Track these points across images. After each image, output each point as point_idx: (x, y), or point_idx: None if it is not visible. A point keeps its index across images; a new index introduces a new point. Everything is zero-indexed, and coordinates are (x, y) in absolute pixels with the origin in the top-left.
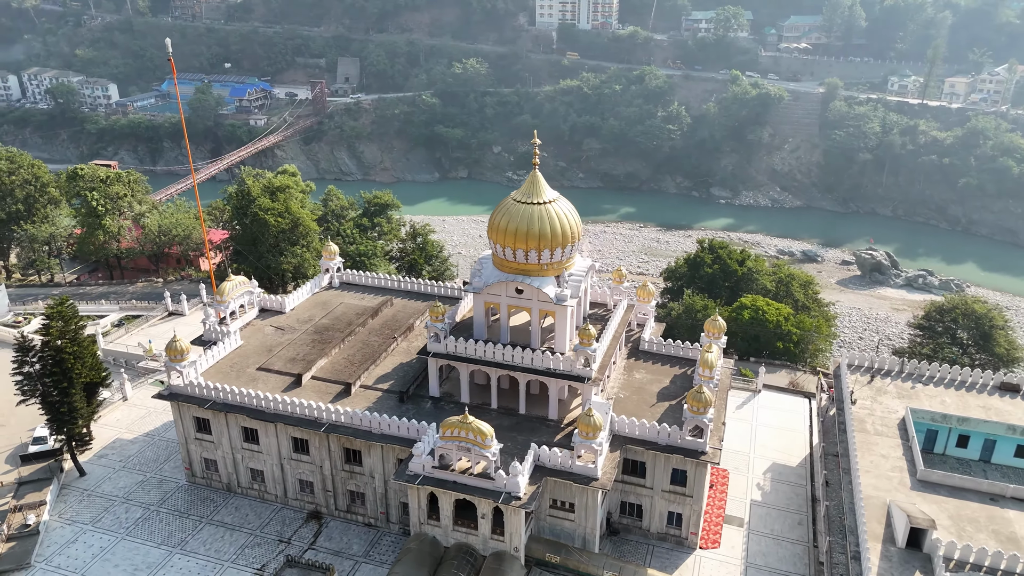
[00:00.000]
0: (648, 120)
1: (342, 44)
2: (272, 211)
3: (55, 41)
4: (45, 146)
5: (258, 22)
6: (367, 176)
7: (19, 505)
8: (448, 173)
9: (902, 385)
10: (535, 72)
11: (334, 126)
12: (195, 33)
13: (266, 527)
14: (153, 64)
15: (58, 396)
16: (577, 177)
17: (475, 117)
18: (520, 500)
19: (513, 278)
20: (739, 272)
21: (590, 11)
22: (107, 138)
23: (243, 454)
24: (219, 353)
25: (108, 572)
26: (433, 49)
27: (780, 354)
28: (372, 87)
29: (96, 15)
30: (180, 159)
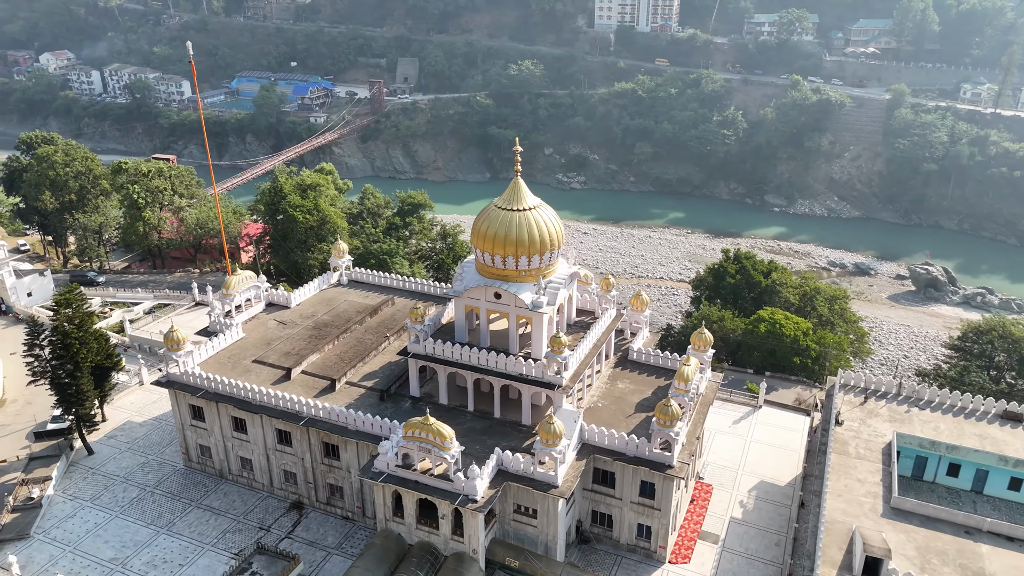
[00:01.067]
0: (703, 124)
1: (403, 44)
2: (301, 208)
3: (136, 39)
4: (122, 139)
5: (324, 22)
6: (420, 175)
7: (26, 479)
8: (499, 174)
9: (896, 408)
10: (590, 74)
11: (390, 125)
12: (264, 33)
13: (250, 514)
14: (224, 62)
15: (66, 378)
16: (628, 181)
17: (528, 118)
18: (476, 503)
19: (492, 283)
20: (763, 284)
21: (650, 13)
22: (178, 132)
23: (233, 442)
24: (219, 344)
25: (98, 547)
26: (491, 50)
27: (797, 370)
28: (430, 87)
29: (175, 15)
30: (244, 154)
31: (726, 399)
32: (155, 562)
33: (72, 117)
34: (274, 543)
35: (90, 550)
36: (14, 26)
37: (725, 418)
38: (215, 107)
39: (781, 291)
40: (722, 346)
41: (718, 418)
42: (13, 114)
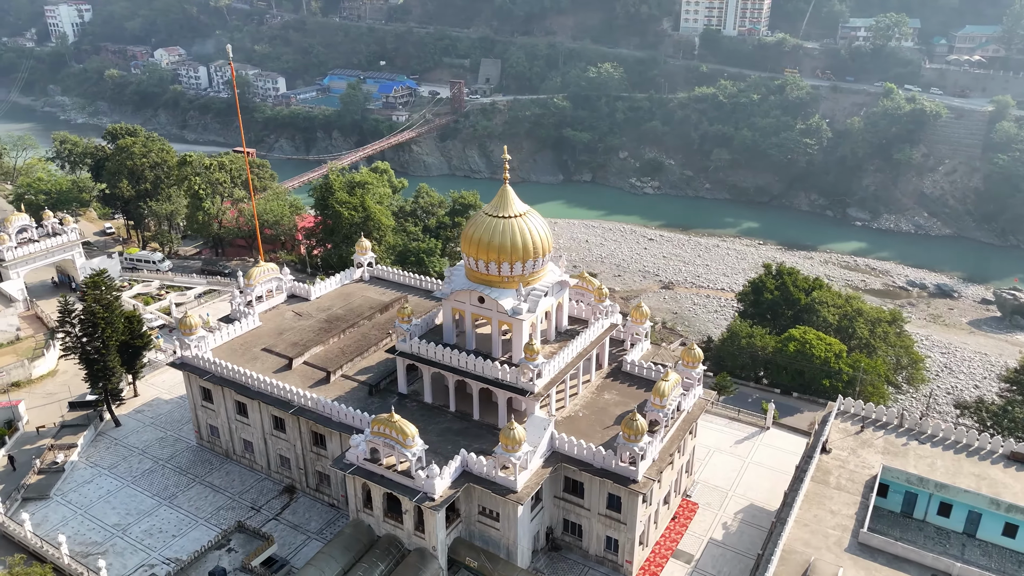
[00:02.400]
0: (785, 132)
1: (487, 46)
2: (347, 204)
3: (240, 37)
4: (222, 131)
5: (414, 22)
6: (494, 175)
7: (54, 445)
8: (572, 176)
9: (893, 440)
10: (671, 78)
11: (468, 125)
12: (357, 32)
13: (245, 494)
14: (318, 60)
15: (94, 355)
16: (703, 187)
17: (604, 121)
18: (434, 502)
19: (476, 287)
20: (803, 301)
21: (737, 16)
22: (271, 126)
23: (236, 425)
24: (235, 332)
25: (105, 512)
26: (572, 53)
27: (827, 392)
28: (510, 88)
29: (277, 14)
30: (329, 149)
31: (733, 418)
32: (152, 531)
33: (179, 110)
34: (260, 523)
35: (98, 514)
36: (134, 23)
37: (728, 437)
38: (306, 103)
39: (820, 310)
40: (750, 363)
41: (720, 437)
42: (128, 105)
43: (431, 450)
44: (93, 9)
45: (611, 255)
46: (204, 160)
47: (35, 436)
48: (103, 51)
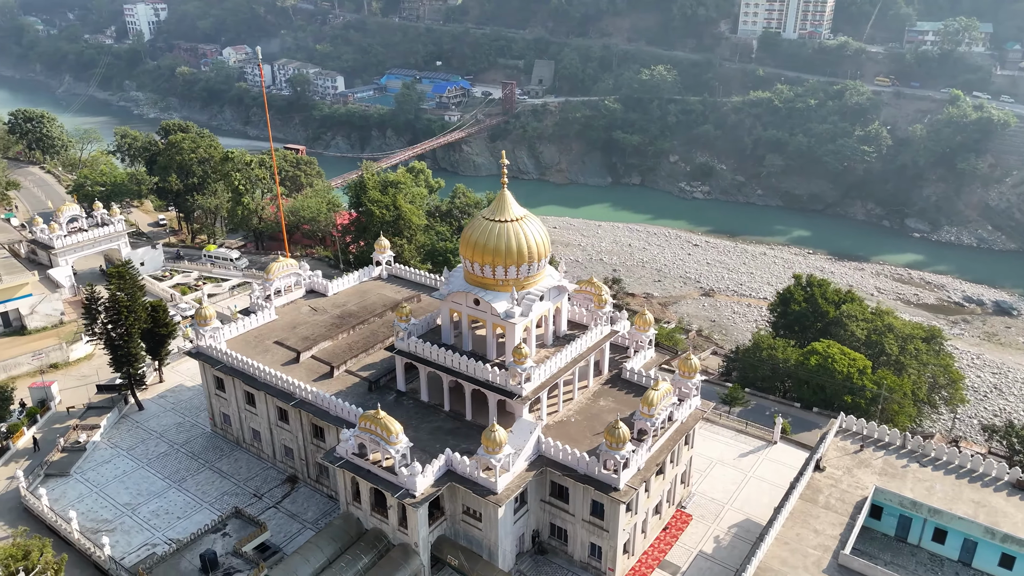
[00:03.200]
0: (841, 139)
1: (541, 47)
2: (379, 203)
3: (303, 36)
4: (282, 127)
5: (471, 23)
6: (542, 176)
7: (79, 425)
8: (621, 178)
9: (893, 462)
10: (726, 81)
11: (519, 126)
12: (415, 32)
13: (250, 481)
14: (376, 60)
15: (118, 341)
16: (755, 193)
17: (655, 124)
18: (414, 499)
19: (472, 290)
20: (831, 314)
21: (798, 19)
22: (327, 124)
23: (246, 414)
24: (251, 324)
25: (118, 492)
26: (626, 55)
27: (849, 409)
28: (562, 90)
29: (339, 14)
30: (383, 147)
31: (740, 431)
32: (159, 512)
33: (243, 106)
34: (260, 511)
35: (112, 493)
36: (206, 22)
37: (733, 450)
38: (363, 102)
39: (849, 324)
40: (771, 376)
41: (725, 449)
42: (197, 101)
43: (421, 448)
44: (168, 8)
45: (653, 260)
46: (245, 157)
47: (65, 416)
48: (176, 49)
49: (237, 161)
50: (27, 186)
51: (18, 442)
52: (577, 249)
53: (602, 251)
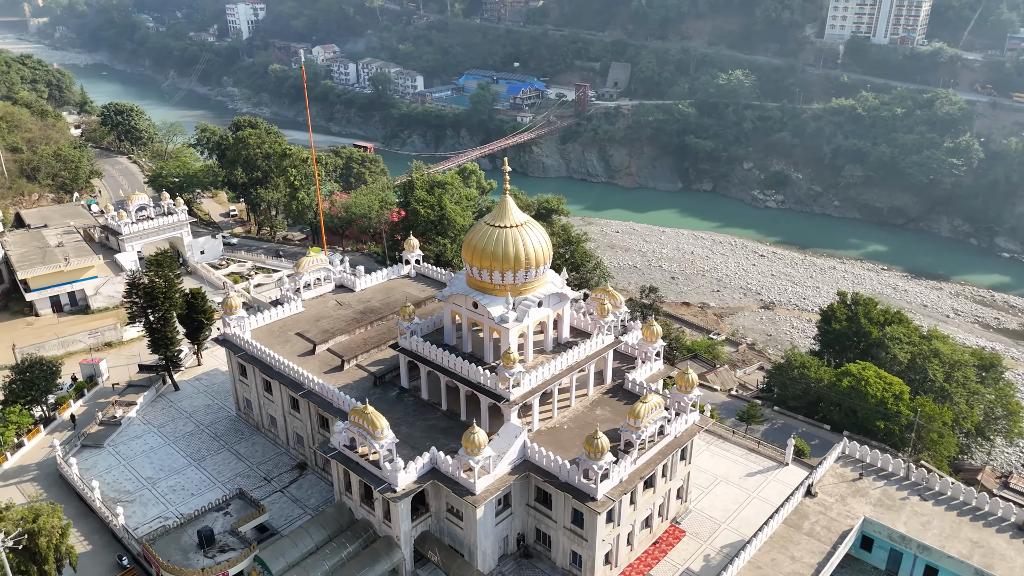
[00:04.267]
0: (928, 150)
1: (618, 49)
2: (424, 203)
3: (388, 36)
4: (362, 124)
5: (551, 25)
6: (611, 179)
7: (118, 401)
8: (692, 184)
9: (892, 493)
10: (807, 87)
11: (590, 128)
12: (495, 34)
13: (263, 464)
14: (456, 60)
15: (156, 324)
16: (831, 204)
17: (730, 130)
18: (395, 493)
19: (472, 293)
20: (873, 335)
21: (890, 23)
22: (405, 123)
23: (264, 400)
24: (277, 315)
25: (143, 466)
26: (705, 58)
27: (881, 435)
28: (637, 93)
29: (423, 15)
30: (456, 146)
31: (752, 449)
32: (176, 488)
33: (327, 103)
34: (266, 494)
35: (137, 467)
36: (299, 21)
37: (740, 469)
38: (440, 102)
39: (891, 347)
40: (801, 395)
41: (732, 467)
42: (286, 97)
43: (411, 445)
44: (267, 7)
45: (714, 269)
46: (302, 153)
47: (111, 391)
48: (271, 47)
49: (294, 158)
50: (113, 175)
51: (64, 413)
52: (637, 255)
53: (663, 257)
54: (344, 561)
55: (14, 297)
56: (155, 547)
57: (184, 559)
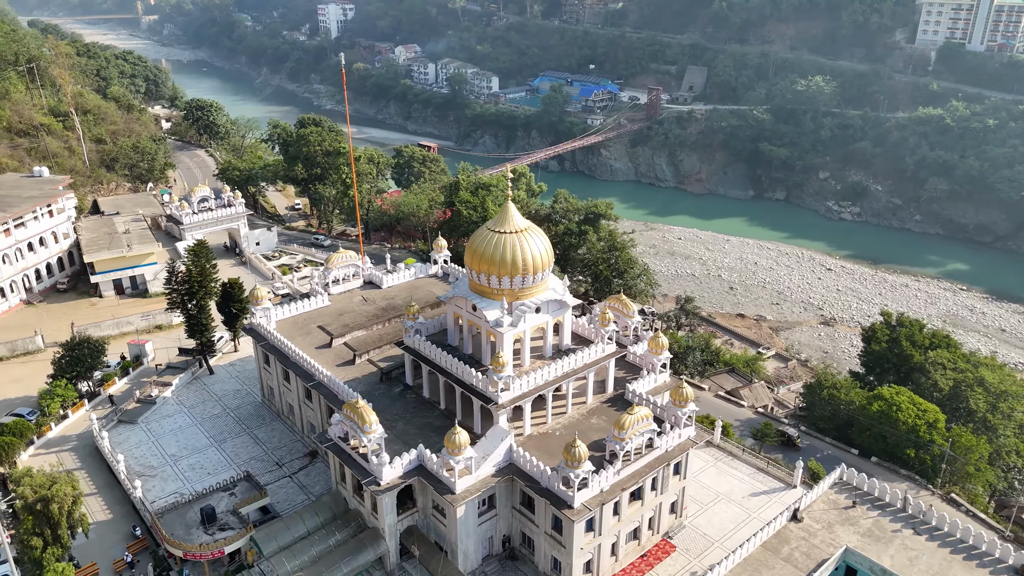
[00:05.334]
0: (1020, 165)
1: (696, 53)
2: (468, 204)
3: (468, 37)
4: (438, 123)
5: (629, 27)
6: (680, 184)
7: (156, 381)
8: (764, 193)
9: (884, 524)
10: (893, 95)
11: (661, 132)
12: (572, 36)
13: (277, 450)
14: (532, 61)
15: (193, 311)
16: (911, 219)
17: (807, 138)
18: (379, 487)
19: (471, 296)
20: (915, 359)
21: (987, 29)
22: (477, 123)
23: (283, 388)
24: (304, 307)
25: (169, 443)
26: (785, 63)
27: (911, 463)
28: (712, 97)
29: (503, 16)
30: (526, 147)
31: (761, 468)
32: (195, 466)
33: (406, 103)
34: (275, 479)
35: (164, 444)
36: (385, 21)
37: (745, 488)
38: (513, 103)
39: (932, 372)
40: (830, 417)
41: (737, 485)
42: (367, 95)
43: (404, 441)
44: (355, 8)
45: (776, 281)
46: (355, 152)
47: (154, 371)
48: (357, 46)
49: (347, 156)
50: (190, 166)
51: (109, 390)
52: (697, 263)
53: (723, 267)
54: (331, 548)
55: (83, 279)
56: (162, 521)
57: (186, 534)
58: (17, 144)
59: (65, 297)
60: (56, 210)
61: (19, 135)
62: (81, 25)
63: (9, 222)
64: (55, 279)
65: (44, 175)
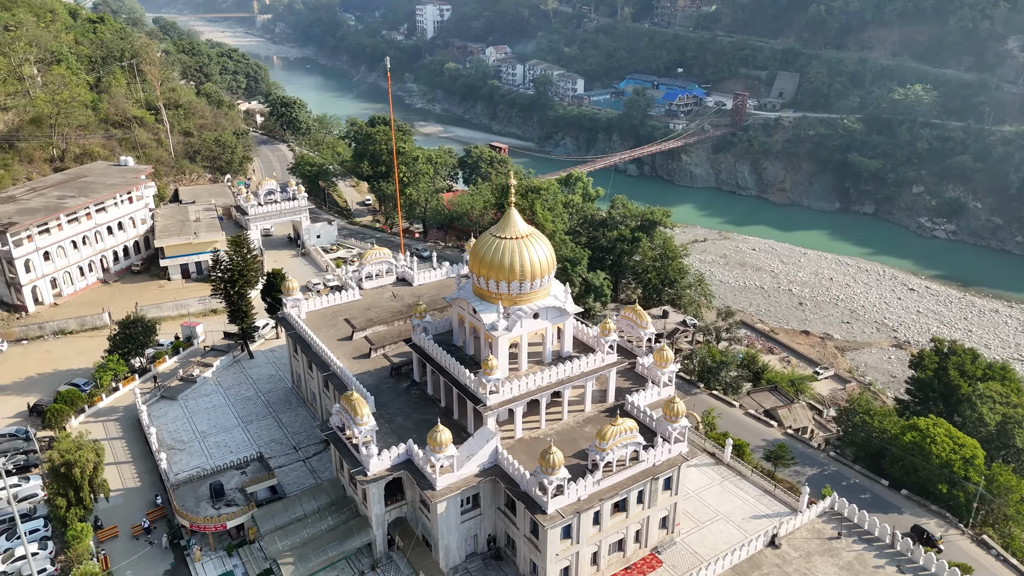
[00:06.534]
0: None
1: (788, 58)
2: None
3: (557, 39)
4: (521, 124)
5: (721, 31)
6: (761, 193)
7: (198, 361)
8: (851, 206)
9: (867, 560)
10: (1000, 107)
11: (745, 139)
12: (662, 39)
13: (296, 435)
14: (619, 64)
15: (234, 298)
16: (1012, 240)
17: (902, 150)
18: (365, 477)
19: (471, 299)
20: (962, 390)
21: None
22: (559, 124)
23: (307, 376)
24: (335, 300)
25: (201, 420)
26: (884, 70)
27: (943, 499)
28: (803, 105)
29: (594, 18)
30: (605, 149)
31: (768, 491)
32: (220, 444)
33: (492, 103)
34: (288, 462)
35: (197, 421)
36: (479, 23)
37: (748, 509)
38: (596, 105)
39: (979, 406)
40: (862, 444)
41: (740, 506)
42: (456, 95)
43: (398, 435)
44: (452, 8)
45: (851, 298)
46: (414, 152)
47: (202, 352)
48: (450, 46)
49: (407, 155)
50: (271, 160)
51: (160, 367)
52: (767, 275)
53: (795, 281)
54: (322, 532)
55: (155, 262)
56: (176, 492)
57: (195, 506)
58: (112, 135)
59: (138, 278)
60: (135, 197)
61: (115, 126)
62: (202, 22)
63: (91, 207)
64: (130, 261)
65: (129, 164)
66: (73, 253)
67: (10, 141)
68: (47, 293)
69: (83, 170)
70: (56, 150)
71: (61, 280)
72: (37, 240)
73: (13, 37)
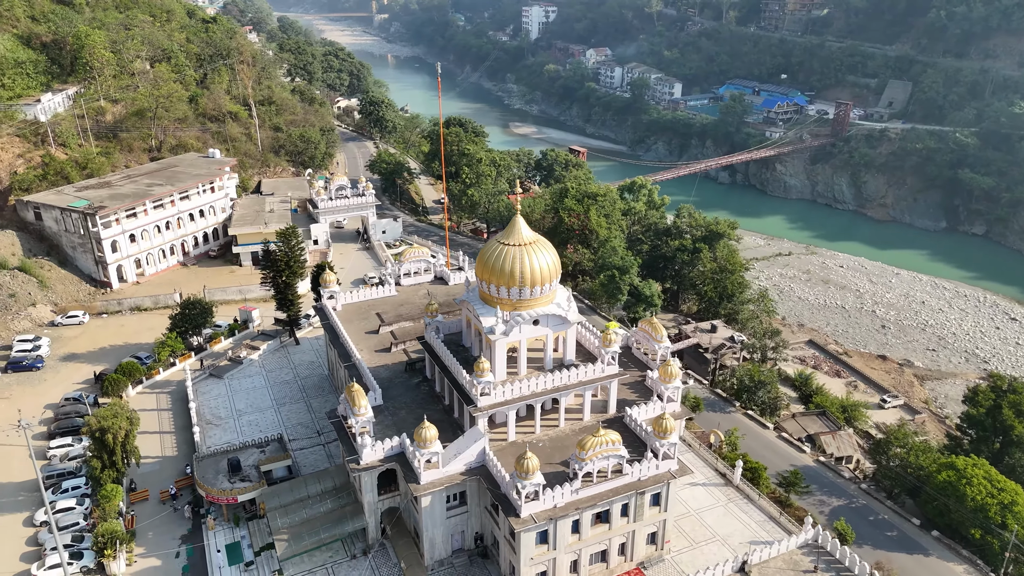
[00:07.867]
0: None
1: (901, 66)
2: (571, 212)
3: (659, 42)
4: (615, 128)
5: (831, 36)
6: (860, 208)
7: (247, 344)
8: (959, 225)
9: None
10: None
11: (846, 150)
12: (767, 43)
13: (322, 420)
14: (720, 69)
15: (283, 287)
16: None
17: (1020, 167)
18: (357, 466)
19: (475, 303)
20: (1016, 430)
21: None
22: (653, 128)
23: (338, 364)
24: (371, 294)
25: (240, 400)
26: (1007, 82)
27: (974, 544)
28: (914, 116)
29: (698, 21)
30: (698, 155)
31: (774, 517)
32: (252, 423)
33: (588, 105)
34: (308, 444)
35: (237, 400)
36: (582, 24)
37: (747, 534)
38: (693, 110)
39: None
40: (895, 480)
41: (739, 529)
42: (554, 97)
43: (397, 427)
44: (558, 10)
45: (940, 325)
46: (478, 154)
47: (254, 336)
48: (552, 48)
49: (471, 157)
50: (356, 156)
51: (216, 347)
52: (851, 295)
53: (881, 302)
54: (320, 514)
55: (231, 249)
56: (200, 464)
57: (213, 479)
58: (207, 128)
59: (213, 263)
60: (217, 187)
61: (211, 120)
62: (325, 21)
63: (175, 194)
64: (208, 247)
65: (216, 156)
66: (157, 237)
67: (115, 131)
68: (131, 272)
69: (174, 160)
70: (155, 141)
71: (144, 261)
72: (124, 223)
73: (128, 36)
